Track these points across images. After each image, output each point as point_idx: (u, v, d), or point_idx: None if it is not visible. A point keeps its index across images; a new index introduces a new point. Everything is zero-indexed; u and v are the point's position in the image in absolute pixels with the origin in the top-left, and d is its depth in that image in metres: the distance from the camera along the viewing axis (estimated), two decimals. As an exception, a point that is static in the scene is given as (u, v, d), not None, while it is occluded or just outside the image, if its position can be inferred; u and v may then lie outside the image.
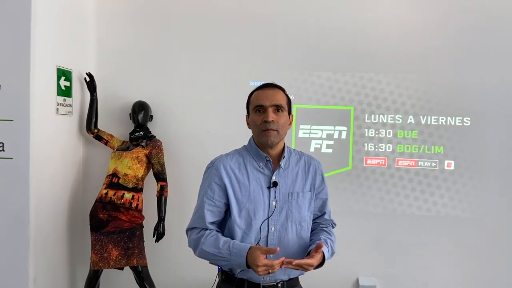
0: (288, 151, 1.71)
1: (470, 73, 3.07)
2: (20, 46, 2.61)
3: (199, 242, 1.61)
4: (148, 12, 3.27)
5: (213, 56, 3.22)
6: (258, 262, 1.47)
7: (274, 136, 1.61)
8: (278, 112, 1.63)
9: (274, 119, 1.60)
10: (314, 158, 1.79)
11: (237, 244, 1.56)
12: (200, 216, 1.65)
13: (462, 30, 3.06)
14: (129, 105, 3.18)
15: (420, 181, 3.11)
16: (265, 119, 1.60)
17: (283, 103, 1.65)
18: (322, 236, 1.69)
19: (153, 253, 3.07)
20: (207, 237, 1.60)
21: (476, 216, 3.08)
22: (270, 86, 1.68)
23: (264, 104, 1.62)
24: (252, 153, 1.68)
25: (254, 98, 1.67)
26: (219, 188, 1.64)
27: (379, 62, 3.12)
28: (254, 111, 1.64)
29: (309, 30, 3.14)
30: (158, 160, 3.02)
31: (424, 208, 3.11)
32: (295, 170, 1.71)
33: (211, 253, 1.58)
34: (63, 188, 3.04)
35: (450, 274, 3.10)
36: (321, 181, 1.76)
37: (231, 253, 1.53)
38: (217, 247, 1.57)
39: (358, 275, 3.14)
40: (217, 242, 1.58)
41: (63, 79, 2.97)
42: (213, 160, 1.70)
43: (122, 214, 2.88)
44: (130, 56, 3.28)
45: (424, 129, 3.11)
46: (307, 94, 3.17)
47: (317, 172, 1.75)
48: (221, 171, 1.64)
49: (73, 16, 3.08)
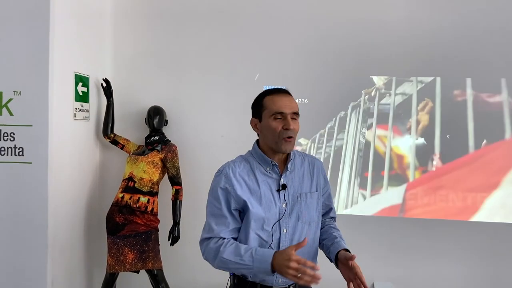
0: (293, 154, 1.72)
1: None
2: (39, 53, 2.67)
3: (218, 251, 1.56)
4: (163, 18, 3.31)
5: (227, 60, 3.24)
6: (291, 257, 1.41)
7: (292, 144, 1.63)
8: (294, 119, 1.63)
9: (293, 127, 1.61)
10: (317, 159, 1.81)
11: (259, 250, 1.53)
12: (216, 224, 1.62)
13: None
14: (144, 110, 3.22)
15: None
16: (287, 127, 1.59)
17: (298, 110, 1.66)
18: (334, 233, 1.76)
19: (168, 256, 3.08)
20: (226, 245, 1.57)
21: (496, 222, 3.02)
22: (284, 92, 1.67)
23: (285, 112, 1.60)
24: (258, 159, 1.68)
25: (271, 104, 1.64)
26: (229, 195, 1.63)
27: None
28: (273, 117, 1.62)
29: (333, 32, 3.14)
30: (173, 164, 3.05)
31: (442, 212, 3.06)
32: (300, 171, 1.72)
33: (232, 261, 1.54)
34: (80, 192, 3.09)
35: (468, 280, 3.04)
36: (324, 182, 1.78)
37: (254, 259, 1.51)
38: (238, 255, 1.53)
39: (373, 280, 3.10)
40: (237, 249, 1.55)
41: (81, 85, 3.03)
42: (221, 168, 1.68)
43: (137, 217, 2.91)
44: (145, 62, 3.32)
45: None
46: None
47: (320, 172, 1.77)
48: (231, 178, 1.63)
49: (90, 23, 3.14)
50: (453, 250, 3.05)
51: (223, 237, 1.60)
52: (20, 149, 2.70)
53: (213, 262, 1.59)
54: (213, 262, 1.59)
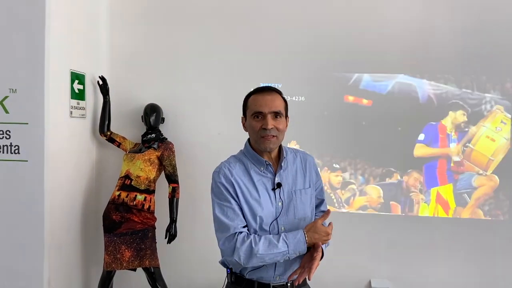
0: (285, 151, 1.73)
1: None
2: (35, 50, 2.66)
3: (251, 250, 1.54)
4: (160, 15, 3.30)
5: (224, 58, 3.23)
6: (326, 229, 1.59)
7: (273, 142, 1.63)
8: (277, 118, 1.63)
9: (273, 126, 1.61)
10: (309, 154, 1.82)
11: (288, 234, 1.57)
12: (230, 220, 1.59)
13: None
14: (141, 108, 3.21)
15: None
16: (264, 126, 1.61)
17: (281, 109, 1.65)
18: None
19: (165, 254, 3.08)
20: (257, 242, 1.55)
21: (492, 219, 3.03)
22: (268, 91, 1.67)
23: (263, 111, 1.61)
24: (251, 158, 1.69)
25: (252, 103, 1.66)
26: (231, 194, 1.63)
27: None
28: (252, 116, 1.64)
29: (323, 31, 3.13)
30: (170, 162, 3.04)
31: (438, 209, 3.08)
32: (293, 168, 1.73)
33: (270, 254, 1.54)
34: (76, 189, 3.09)
35: (465, 277, 3.05)
36: (316, 177, 1.79)
37: (289, 244, 1.54)
38: (274, 246, 1.54)
39: (370, 278, 3.11)
40: (270, 241, 1.55)
41: (77, 83, 3.01)
42: (217, 169, 1.68)
43: (134, 215, 2.90)
44: (142, 59, 3.31)
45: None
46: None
47: (312, 168, 1.78)
48: (229, 178, 1.64)
49: (86, 20, 3.13)
50: (450, 247, 3.06)
51: (241, 231, 1.58)
52: (16, 147, 2.69)
53: (248, 262, 1.56)
54: (248, 261, 1.56)
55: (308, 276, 1.57)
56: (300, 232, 1.57)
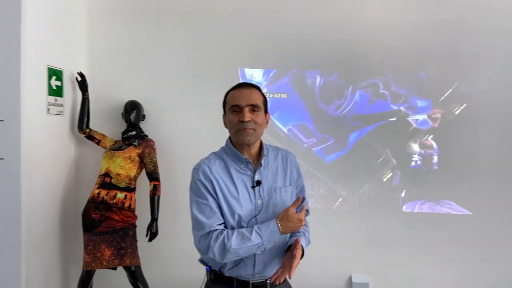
0: (266, 149, 1.73)
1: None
2: (10, 45, 2.59)
3: (224, 246, 1.54)
4: (140, 12, 3.26)
5: (206, 55, 3.22)
6: (298, 216, 1.58)
7: (250, 134, 1.63)
8: (254, 111, 1.64)
9: (251, 119, 1.62)
10: (290, 152, 1.83)
11: (260, 226, 1.57)
12: (206, 218, 1.60)
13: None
14: (121, 105, 3.17)
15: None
16: (241, 119, 1.62)
17: (259, 102, 1.66)
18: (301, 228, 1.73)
19: (146, 252, 3.06)
20: (229, 237, 1.55)
21: (471, 214, 3.09)
22: (246, 86, 1.70)
23: (240, 104, 1.63)
24: (231, 155, 1.69)
25: (230, 98, 1.68)
26: (209, 192, 1.62)
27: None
28: (231, 110, 1.66)
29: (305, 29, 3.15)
30: (151, 160, 3.02)
31: (418, 205, 3.14)
32: (274, 166, 1.73)
33: (243, 247, 1.54)
34: (55, 188, 3.03)
35: (443, 272, 3.12)
36: (298, 175, 1.80)
37: (262, 235, 1.55)
38: (246, 239, 1.54)
39: (351, 272, 3.16)
40: (242, 235, 1.55)
41: (54, 79, 2.95)
42: (197, 166, 1.68)
43: (114, 214, 2.87)
44: (122, 55, 3.26)
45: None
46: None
47: (293, 166, 1.79)
48: (208, 174, 1.64)
49: (64, 15, 3.06)
50: (431, 242, 3.12)
51: (216, 229, 1.58)
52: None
53: (222, 258, 1.56)
54: (222, 257, 1.56)
55: (288, 274, 1.58)
56: (272, 222, 1.57)
